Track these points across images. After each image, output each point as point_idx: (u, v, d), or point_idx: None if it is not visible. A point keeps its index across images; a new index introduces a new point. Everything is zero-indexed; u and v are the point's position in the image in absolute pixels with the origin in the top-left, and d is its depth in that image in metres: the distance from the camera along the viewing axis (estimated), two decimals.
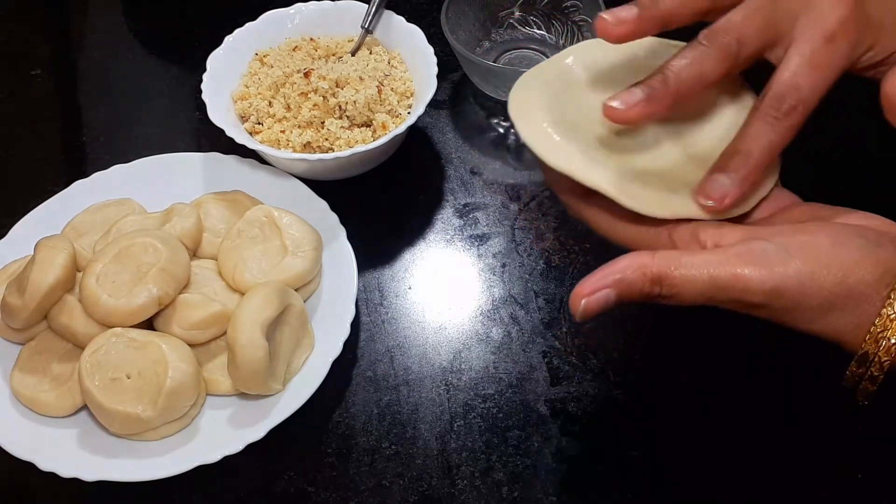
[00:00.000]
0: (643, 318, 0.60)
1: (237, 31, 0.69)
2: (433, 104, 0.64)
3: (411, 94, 0.67)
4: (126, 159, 0.64)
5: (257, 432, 0.51)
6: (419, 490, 0.53)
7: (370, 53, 0.69)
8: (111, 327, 0.53)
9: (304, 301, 0.58)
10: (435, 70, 0.65)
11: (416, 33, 0.68)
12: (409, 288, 0.62)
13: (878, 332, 0.37)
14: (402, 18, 0.69)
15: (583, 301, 0.39)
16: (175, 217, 0.58)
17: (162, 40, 0.79)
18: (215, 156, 0.65)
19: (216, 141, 0.66)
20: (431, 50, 0.67)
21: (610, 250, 0.42)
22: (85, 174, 0.64)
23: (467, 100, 0.73)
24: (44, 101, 0.76)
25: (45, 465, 0.50)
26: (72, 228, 0.60)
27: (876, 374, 0.38)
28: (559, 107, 0.44)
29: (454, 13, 0.70)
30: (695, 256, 0.39)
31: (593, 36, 0.44)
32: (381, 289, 0.62)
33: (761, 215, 0.44)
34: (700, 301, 0.39)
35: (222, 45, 0.68)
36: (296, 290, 0.57)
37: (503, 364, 0.58)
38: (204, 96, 0.64)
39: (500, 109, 0.72)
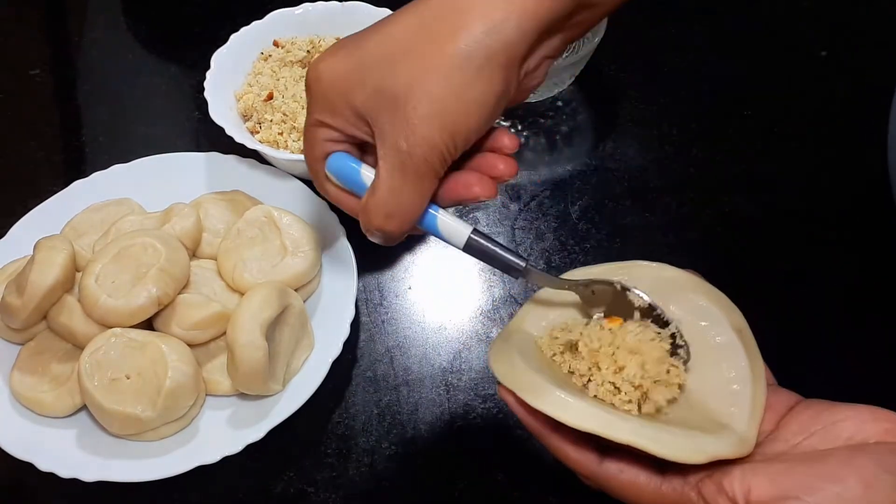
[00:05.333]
0: None
1: (243, 29, 0.69)
2: None
3: None
4: (126, 159, 0.64)
5: (257, 432, 0.51)
6: (419, 490, 0.53)
7: None
8: (110, 327, 0.53)
9: (304, 301, 0.58)
10: None
11: None
12: (409, 288, 0.62)
13: None
14: None
15: None
16: (174, 217, 0.58)
17: (161, 39, 0.79)
18: (215, 155, 0.65)
19: (216, 141, 0.66)
20: None
21: None
22: (84, 174, 0.64)
23: None
24: (44, 101, 0.76)
25: (44, 465, 0.50)
26: (71, 228, 0.60)
27: None
28: (545, 371, 0.41)
29: None
30: None
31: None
32: (381, 289, 0.62)
33: (768, 427, 0.42)
34: None
35: (228, 42, 0.68)
36: (296, 290, 0.57)
37: None
38: (206, 94, 0.64)
39: None
